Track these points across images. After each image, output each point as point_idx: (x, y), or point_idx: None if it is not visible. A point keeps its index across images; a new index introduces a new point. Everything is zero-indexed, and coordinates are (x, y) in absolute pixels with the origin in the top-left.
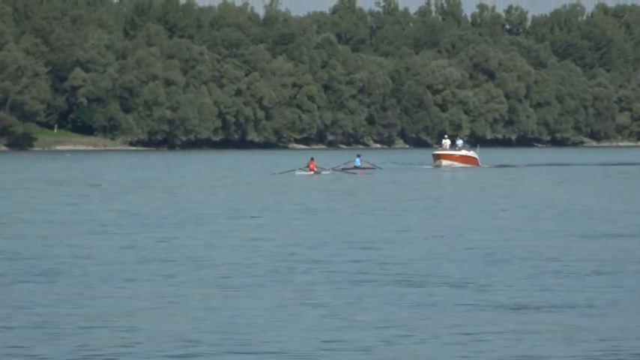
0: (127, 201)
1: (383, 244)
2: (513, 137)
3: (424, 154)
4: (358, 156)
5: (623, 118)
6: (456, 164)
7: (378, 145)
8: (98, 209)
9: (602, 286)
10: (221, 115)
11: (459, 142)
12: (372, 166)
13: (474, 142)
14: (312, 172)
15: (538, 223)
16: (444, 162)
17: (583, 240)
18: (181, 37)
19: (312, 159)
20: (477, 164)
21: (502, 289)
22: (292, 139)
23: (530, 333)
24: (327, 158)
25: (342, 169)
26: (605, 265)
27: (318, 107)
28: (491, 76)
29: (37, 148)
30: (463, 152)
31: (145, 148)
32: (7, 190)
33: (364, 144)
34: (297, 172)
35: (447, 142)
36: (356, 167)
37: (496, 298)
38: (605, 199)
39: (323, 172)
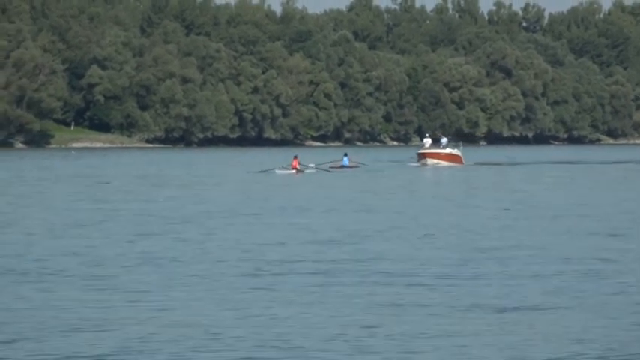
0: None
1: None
2: (530, 135)
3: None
4: (345, 155)
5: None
6: (442, 163)
7: (395, 143)
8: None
9: (571, 286)
10: (238, 113)
11: (444, 140)
12: (358, 165)
13: (457, 140)
14: (294, 171)
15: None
16: (430, 160)
17: (533, 237)
18: (198, 34)
19: (295, 157)
20: (461, 162)
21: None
22: (309, 136)
23: (519, 334)
24: (315, 156)
25: (330, 167)
26: (570, 263)
27: (335, 105)
28: (508, 73)
29: (53, 146)
30: (448, 150)
31: (162, 146)
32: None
33: (381, 141)
34: (278, 171)
35: (428, 140)
36: (343, 166)
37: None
38: (571, 196)
39: (307, 171)
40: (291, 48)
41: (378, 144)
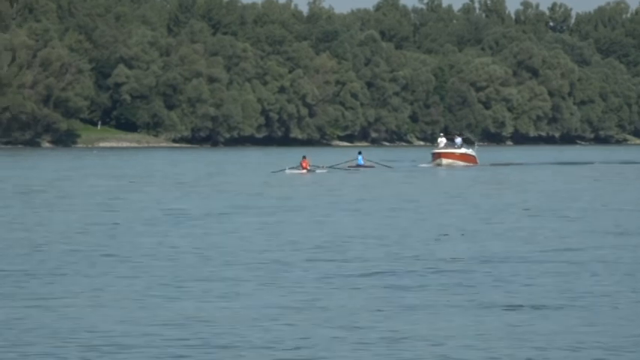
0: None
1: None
2: (557, 135)
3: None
4: (360, 153)
5: None
6: (456, 162)
7: (422, 143)
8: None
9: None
10: (264, 112)
11: (458, 140)
12: (374, 165)
13: (471, 140)
14: (304, 171)
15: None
16: (444, 160)
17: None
18: (225, 34)
19: (304, 157)
20: (476, 162)
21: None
22: (335, 136)
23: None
24: (325, 156)
25: (348, 166)
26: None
27: (362, 104)
28: (534, 73)
29: (80, 145)
30: (463, 150)
31: (189, 145)
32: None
33: (407, 141)
34: (287, 171)
35: (442, 140)
36: (359, 165)
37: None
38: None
39: (317, 171)
40: (318, 47)
41: (404, 144)
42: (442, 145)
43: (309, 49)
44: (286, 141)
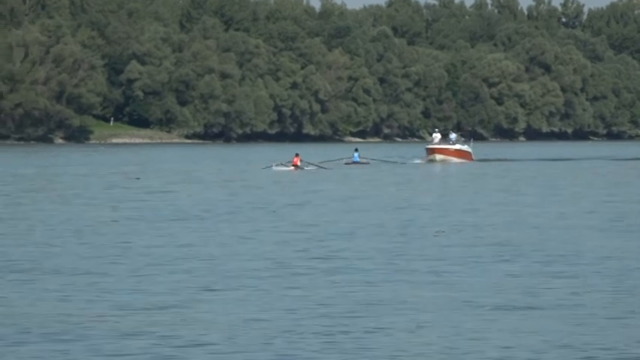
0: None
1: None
2: (569, 131)
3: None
4: (356, 150)
5: None
6: (450, 158)
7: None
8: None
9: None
10: (277, 108)
11: (453, 135)
12: (369, 161)
13: (467, 135)
14: (292, 168)
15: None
16: (438, 156)
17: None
18: (237, 30)
19: (297, 154)
20: (471, 158)
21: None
22: (348, 132)
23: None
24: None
25: (345, 163)
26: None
27: (374, 100)
28: (547, 69)
29: (93, 141)
30: (457, 146)
31: (201, 141)
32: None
33: (420, 137)
34: (275, 168)
35: (437, 135)
36: (354, 162)
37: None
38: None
39: (307, 168)
40: (330, 43)
41: (417, 140)
42: (436, 140)
43: (322, 45)
44: (299, 137)
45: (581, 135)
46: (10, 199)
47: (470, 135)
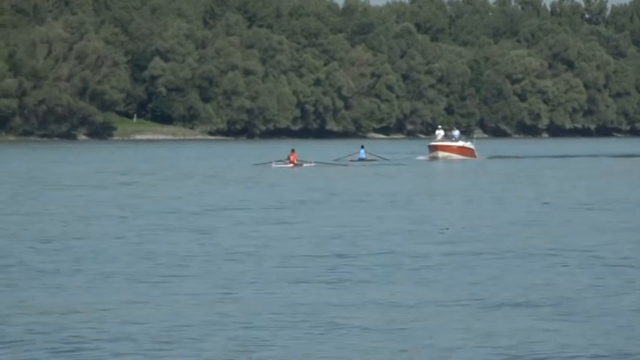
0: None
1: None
2: (592, 127)
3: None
4: (362, 147)
5: None
6: (453, 155)
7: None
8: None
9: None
10: (300, 105)
11: (456, 132)
12: (376, 158)
13: (470, 132)
14: (291, 165)
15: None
16: (441, 153)
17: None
18: (260, 26)
19: (292, 150)
20: (474, 155)
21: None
22: (371, 128)
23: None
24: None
25: (350, 160)
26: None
27: (397, 97)
28: (570, 65)
29: (116, 138)
30: (460, 143)
31: (224, 138)
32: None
33: (469, 133)
34: (274, 165)
35: (440, 132)
36: (361, 159)
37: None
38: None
39: (305, 165)
40: (354, 40)
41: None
42: (439, 137)
43: (345, 41)
44: (322, 133)
45: (604, 131)
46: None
47: (472, 131)
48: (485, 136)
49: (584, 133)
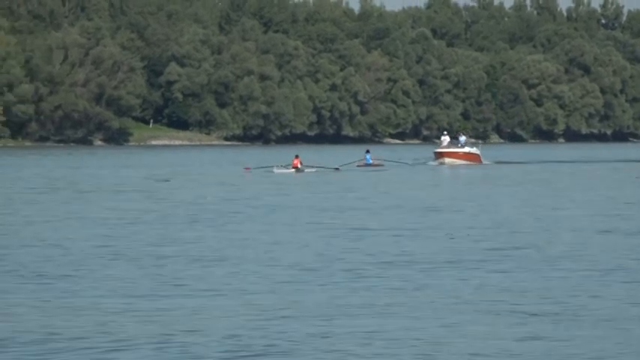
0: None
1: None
2: (609, 132)
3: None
4: (367, 152)
5: None
6: (459, 162)
7: (473, 140)
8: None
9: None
10: (316, 110)
11: (462, 138)
12: (382, 163)
13: (475, 137)
14: (292, 170)
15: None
16: (447, 160)
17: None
18: (276, 32)
19: (296, 156)
20: (480, 161)
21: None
22: (387, 133)
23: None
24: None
25: (357, 165)
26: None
27: (413, 102)
28: (586, 70)
29: (132, 143)
30: (467, 149)
31: (240, 143)
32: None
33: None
34: (276, 170)
35: (446, 138)
36: (367, 164)
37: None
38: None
39: (307, 170)
40: (370, 45)
41: (455, 141)
42: (445, 143)
43: (361, 46)
44: (338, 138)
45: (620, 136)
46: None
47: (473, 137)
48: (502, 141)
49: (601, 138)
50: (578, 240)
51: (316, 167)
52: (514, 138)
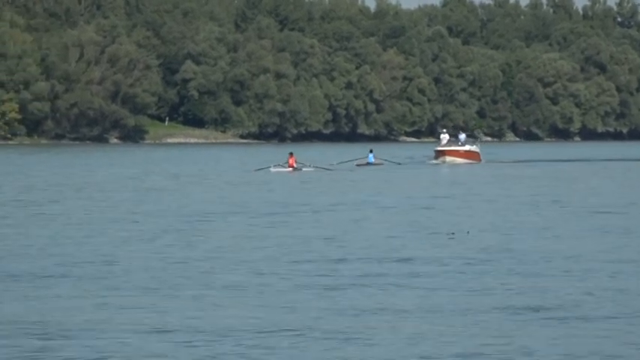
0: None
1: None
2: (625, 131)
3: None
4: (371, 151)
5: None
6: (460, 160)
7: (489, 139)
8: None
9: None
10: (332, 108)
11: (462, 136)
12: (383, 162)
13: (474, 135)
14: (290, 169)
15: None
16: (448, 158)
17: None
18: (292, 30)
19: (291, 154)
20: (479, 159)
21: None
22: (403, 132)
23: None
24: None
25: (357, 164)
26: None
27: (429, 100)
28: (602, 69)
29: (148, 141)
30: (467, 147)
31: (256, 141)
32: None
33: (475, 137)
34: (273, 169)
35: (445, 136)
36: (368, 163)
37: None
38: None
39: (304, 169)
40: (385, 43)
41: (471, 139)
42: (445, 141)
43: (377, 45)
44: (353, 137)
45: (636, 135)
46: None
47: (476, 135)
48: (517, 139)
49: (617, 136)
50: (577, 240)
51: (313, 166)
52: (530, 136)
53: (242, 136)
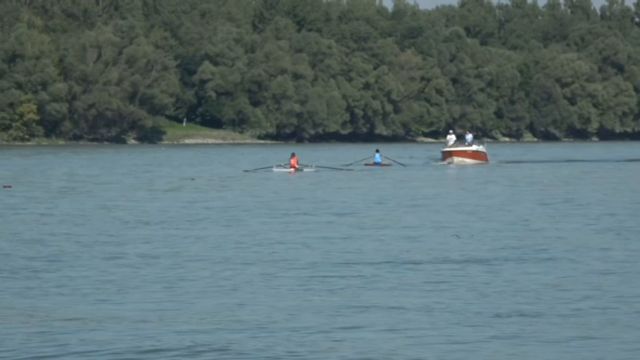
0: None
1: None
2: None
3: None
4: (377, 151)
5: None
6: (468, 160)
7: (507, 139)
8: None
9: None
10: (349, 109)
11: (469, 136)
12: (391, 163)
13: (480, 135)
14: (292, 169)
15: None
16: (456, 159)
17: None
18: (310, 30)
19: (293, 154)
20: (486, 160)
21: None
22: (420, 132)
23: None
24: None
25: (365, 164)
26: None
27: (447, 101)
28: (620, 69)
29: (165, 142)
30: (474, 147)
31: (274, 142)
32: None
33: (492, 137)
34: (275, 169)
35: (452, 137)
36: (376, 163)
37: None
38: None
39: (305, 170)
40: (403, 44)
41: (489, 140)
42: (451, 142)
43: (394, 45)
44: (371, 137)
45: None
46: None
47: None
48: (535, 139)
49: (634, 136)
50: (580, 240)
51: (315, 167)
52: (548, 137)
53: (259, 137)
